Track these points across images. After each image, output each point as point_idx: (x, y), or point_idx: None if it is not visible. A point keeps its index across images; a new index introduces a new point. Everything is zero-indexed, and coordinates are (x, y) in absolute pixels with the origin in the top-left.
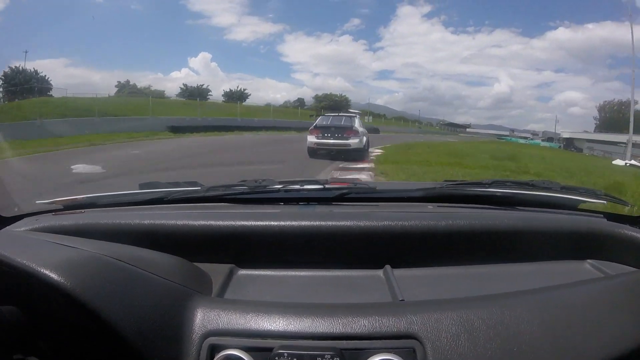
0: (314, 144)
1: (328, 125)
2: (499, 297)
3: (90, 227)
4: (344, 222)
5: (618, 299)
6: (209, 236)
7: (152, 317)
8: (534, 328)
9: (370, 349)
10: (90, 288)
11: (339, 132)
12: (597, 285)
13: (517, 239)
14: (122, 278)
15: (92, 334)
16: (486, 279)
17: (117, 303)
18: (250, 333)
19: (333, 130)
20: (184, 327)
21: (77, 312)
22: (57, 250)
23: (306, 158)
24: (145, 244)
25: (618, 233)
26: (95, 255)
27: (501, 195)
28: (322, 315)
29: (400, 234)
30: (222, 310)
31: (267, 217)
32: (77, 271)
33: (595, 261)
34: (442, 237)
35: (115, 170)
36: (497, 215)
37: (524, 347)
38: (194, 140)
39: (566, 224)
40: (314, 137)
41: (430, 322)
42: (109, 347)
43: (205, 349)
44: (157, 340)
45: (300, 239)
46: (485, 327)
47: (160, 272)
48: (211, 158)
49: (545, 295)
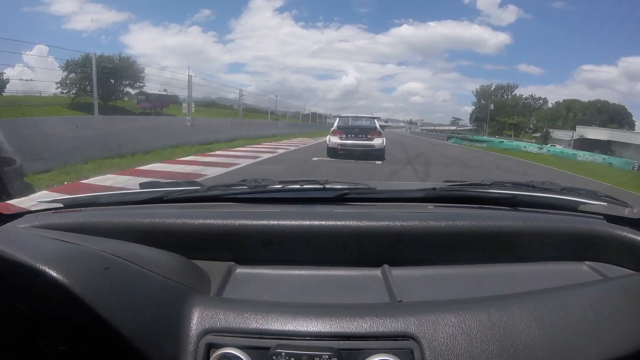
0: (337, 145)
1: (351, 126)
2: (497, 298)
3: (90, 225)
4: (343, 222)
5: (617, 301)
6: (208, 234)
7: (150, 314)
8: (532, 330)
9: (367, 349)
10: (88, 284)
11: (362, 133)
12: (596, 288)
13: (516, 240)
14: (120, 275)
15: (90, 331)
16: (484, 280)
17: (115, 299)
18: (248, 332)
19: (357, 131)
20: (182, 324)
21: (75, 308)
22: (56, 246)
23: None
24: (145, 241)
25: (617, 235)
26: (94, 252)
27: (501, 196)
28: (320, 315)
29: (400, 234)
30: (220, 308)
31: (266, 217)
32: (75, 267)
33: (594, 263)
34: (441, 238)
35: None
36: (497, 216)
37: (522, 349)
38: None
39: (565, 225)
40: (337, 138)
41: (428, 323)
42: (107, 344)
43: (202, 347)
44: (155, 337)
45: (299, 239)
46: (483, 328)
47: (159, 269)
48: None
49: (543, 297)
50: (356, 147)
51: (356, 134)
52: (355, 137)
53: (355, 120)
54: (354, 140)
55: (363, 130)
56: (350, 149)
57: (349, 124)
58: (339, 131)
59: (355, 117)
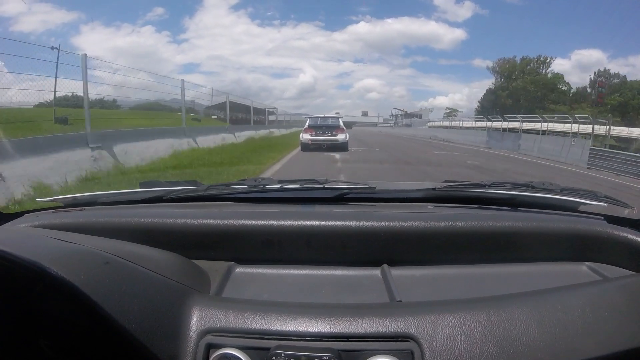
0: (309, 140)
1: (319, 125)
2: (497, 299)
3: (90, 224)
4: (343, 222)
5: (616, 302)
6: (208, 234)
7: (150, 314)
8: (531, 330)
9: (367, 350)
10: (88, 284)
11: (329, 130)
12: (595, 288)
13: (515, 241)
14: (120, 274)
15: (90, 331)
16: (484, 280)
17: (115, 299)
18: (248, 332)
19: (324, 128)
20: (181, 324)
21: (75, 308)
22: (56, 246)
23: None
24: (144, 241)
25: (617, 236)
26: (94, 251)
27: (500, 197)
28: (320, 316)
29: (400, 234)
30: (219, 308)
31: (266, 217)
32: (75, 266)
33: (593, 264)
34: (441, 238)
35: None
36: (497, 216)
37: (521, 349)
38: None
39: (565, 225)
40: (308, 135)
41: (428, 324)
42: (107, 343)
43: (202, 347)
44: (154, 337)
45: (299, 239)
46: (483, 329)
47: (158, 269)
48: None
49: (543, 298)
50: (324, 142)
51: (324, 131)
52: (323, 133)
53: (322, 120)
54: (322, 137)
55: (329, 128)
56: (319, 143)
57: (317, 123)
58: (309, 129)
59: (323, 117)
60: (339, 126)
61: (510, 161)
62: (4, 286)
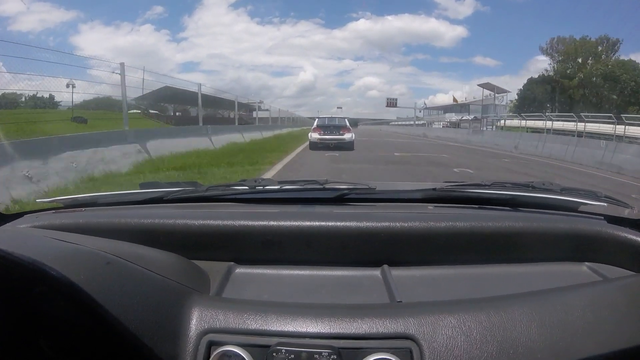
0: (317, 139)
1: (327, 125)
2: (497, 299)
3: (90, 225)
4: (343, 222)
5: (616, 302)
6: (208, 234)
7: (150, 314)
8: (531, 331)
9: (367, 348)
10: (89, 284)
11: (336, 130)
12: (596, 289)
13: (516, 241)
14: (120, 275)
15: (90, 331)
16: (484, 280)
17: (115, 299)
18: (248, 332)
19: (332, 128)
20: (182, 325)
21: (75, 308)
22: (56, 246)
23: None
24: (145, 242)
25: (617, 236)
26: (94, 251)
27: (501, 197)
28: (320, 316)
29: (400, 235)
30: (219, 308)
31: (266, 217)
32: (75, 267)
33: (593, 264)
34: (441, 238)
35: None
36: (497, 217)
37: (521, 350)
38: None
39: (565, 225)
40: (317, 134)
41: (427, 324)
42: (107, 343)
43: (203, 345)
44: (155, 337)
45: (299, 239)
46: (482, 329)
47: (159, 269)
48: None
49: (543, 298)
50: (332, 140)
51: (331, 131)
52: (330, 132)
53: (330, 120)
54: (330, 136)
55: (336, 127)
56: (327, 142)
57: (325, 123)
58: (318, 129)
59: (330, 117)
60: (345, 126)
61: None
62: (4, 286)
